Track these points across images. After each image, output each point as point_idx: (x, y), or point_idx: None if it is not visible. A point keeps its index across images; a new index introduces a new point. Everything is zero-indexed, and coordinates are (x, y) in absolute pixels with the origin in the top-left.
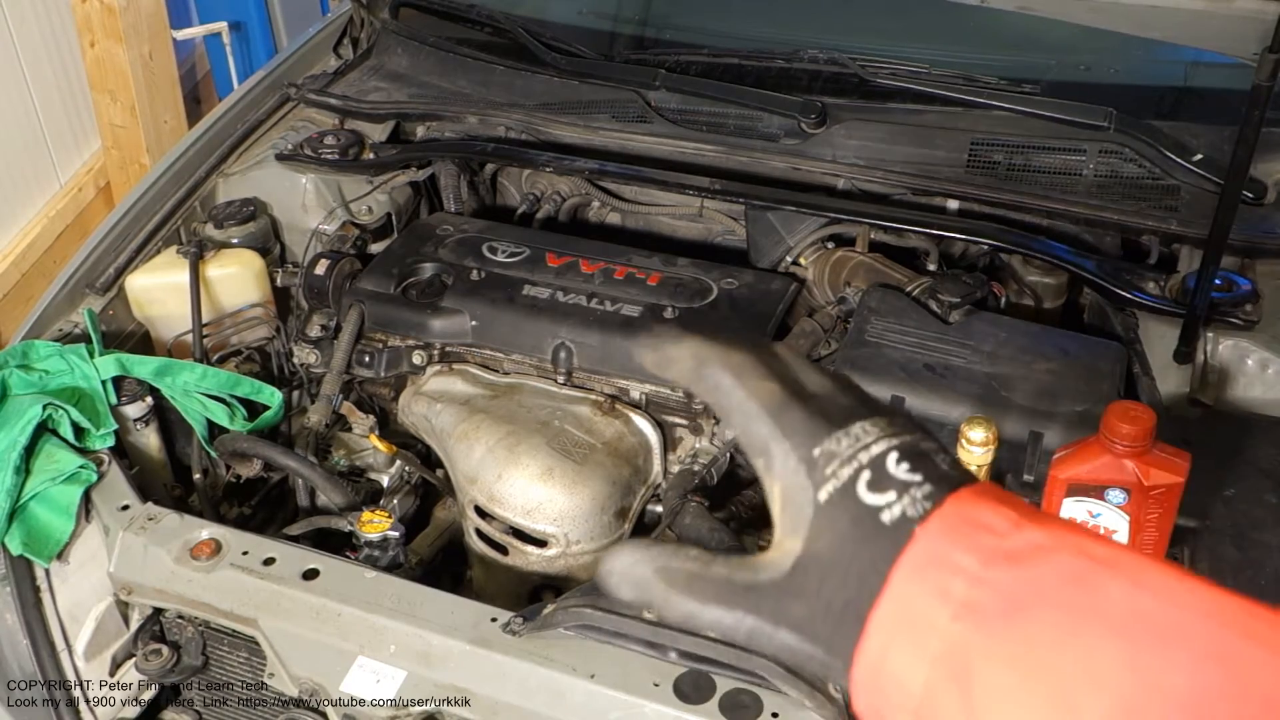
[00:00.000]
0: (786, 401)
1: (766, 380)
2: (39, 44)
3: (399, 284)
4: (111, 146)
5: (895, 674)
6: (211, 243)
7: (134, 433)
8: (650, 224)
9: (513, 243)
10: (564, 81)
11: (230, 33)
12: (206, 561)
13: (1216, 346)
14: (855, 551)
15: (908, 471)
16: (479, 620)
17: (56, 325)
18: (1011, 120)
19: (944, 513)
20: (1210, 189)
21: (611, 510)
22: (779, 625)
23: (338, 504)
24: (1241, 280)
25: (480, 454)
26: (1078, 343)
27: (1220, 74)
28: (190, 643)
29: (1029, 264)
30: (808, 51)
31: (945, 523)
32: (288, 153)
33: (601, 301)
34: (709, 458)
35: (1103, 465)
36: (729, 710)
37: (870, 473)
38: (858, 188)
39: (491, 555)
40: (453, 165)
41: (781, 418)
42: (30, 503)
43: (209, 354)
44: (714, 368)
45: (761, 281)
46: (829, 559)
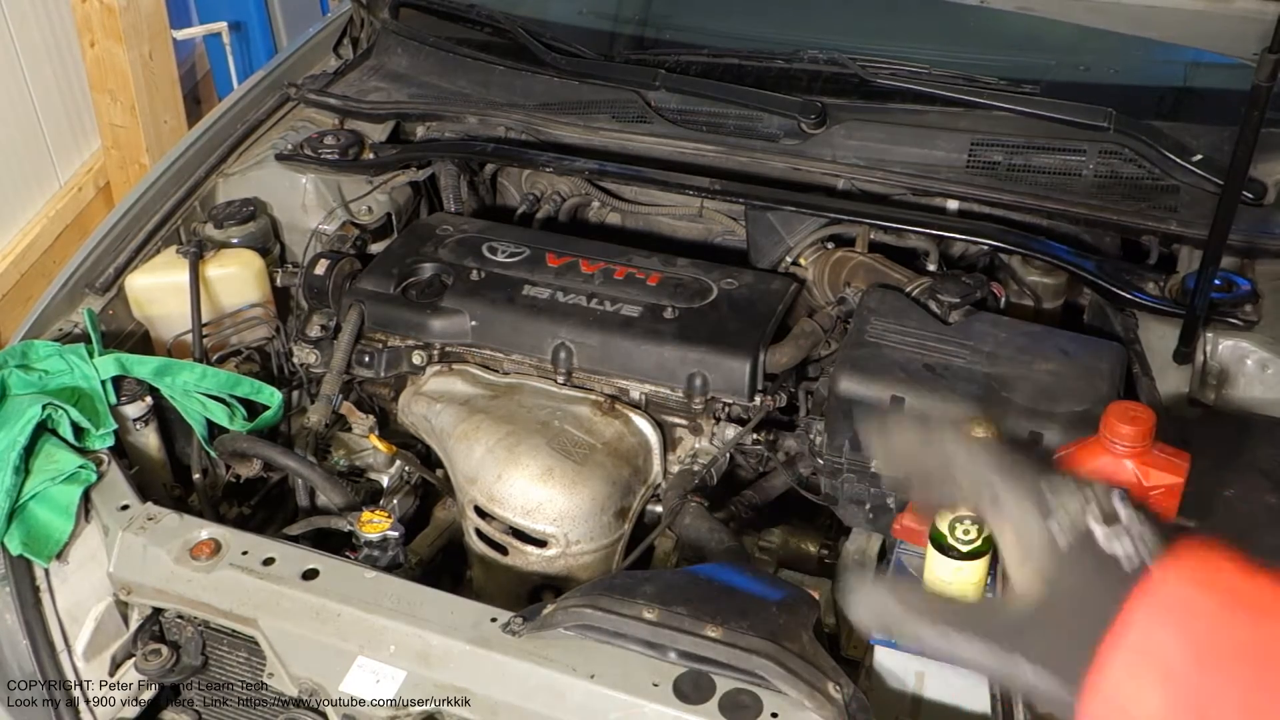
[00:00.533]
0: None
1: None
2: (39, 44)
3: (399, 284)
4: (111, 146)
5: (1131, 699)
6: (211, 243)
7: (134, 433)
8: (650, 224)
9: (513, 243)
10: (564, 81)
11: (230, 33)
12: (206, 561)
13: (1216, 346)
14: (1089, 587)
15: (1131, 511)
16: (479, 620)
17: (56, 325)
18: (1011, 120)
19: (1181, 559)
20: (1210, 189)
21: (611, 510)
22: (1022, 658)
23: (337, 504)
24: (1241, 280)
25: (480, 454)
26: (1077, 343)
27: (1220, 74)
28: (190, 643)
29: (1029, 264)
30: (808, 52)
31: (1182, 568)
32: (288, 153)
33: (601, 302)
34: (709, 458)
35: (1102, 465)
36: (729, 710)
37: (1098, 510)
38: (858, 188)
39: (491, 555)
40: (453, 165)
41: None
42: (30, 503)
43: (209, 354)
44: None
45: (761, 282)
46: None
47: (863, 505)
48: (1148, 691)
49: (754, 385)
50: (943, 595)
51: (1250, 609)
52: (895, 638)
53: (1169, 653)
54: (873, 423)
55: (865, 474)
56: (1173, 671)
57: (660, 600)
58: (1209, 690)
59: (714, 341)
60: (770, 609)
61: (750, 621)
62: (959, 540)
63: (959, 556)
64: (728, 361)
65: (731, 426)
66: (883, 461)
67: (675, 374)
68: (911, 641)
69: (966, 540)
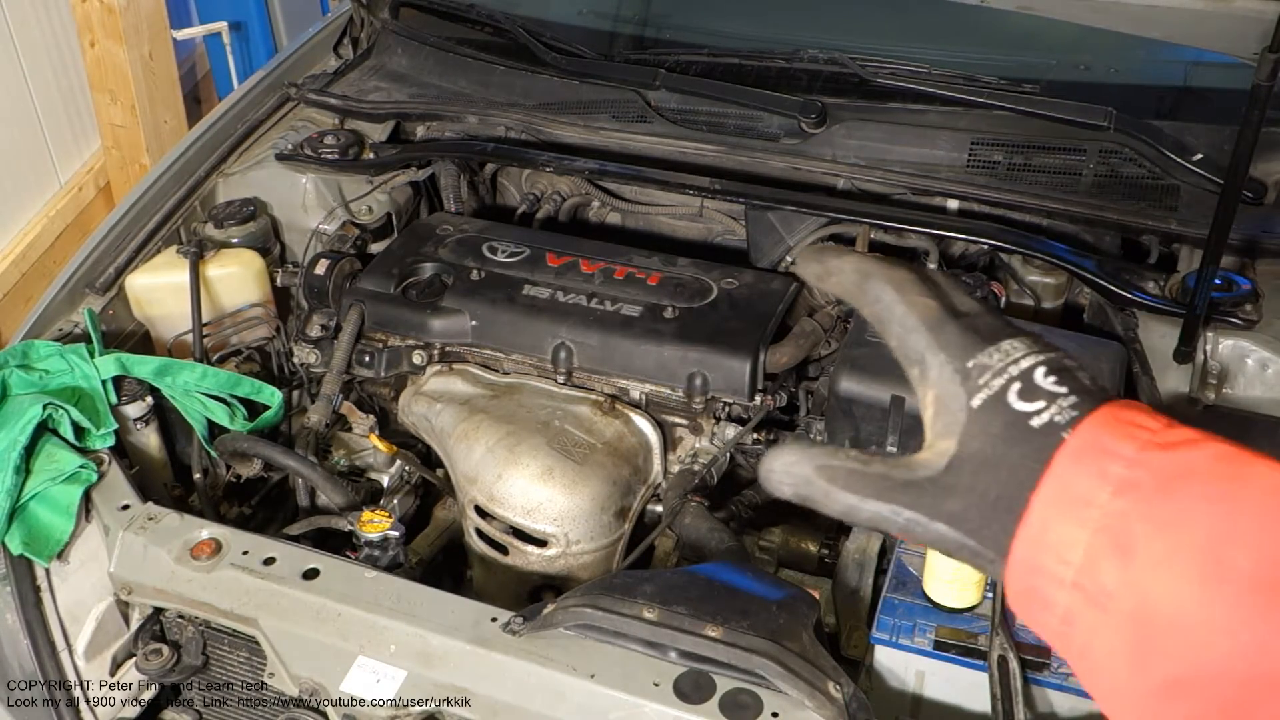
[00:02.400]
0: (943, 318)
1: (925, 297)
2: (39, 44)
3: (399, 284)
4: (111, 146)
5: (1055, 547)
6: (211, 243)
7: (134, 432)
8: (650, 224)
9: (513, 243)
10: (564, 81)
11: (230, 33)
12: (206, 561)
13: (1216, 346)
14: (1007, 450)
15: (1055, 384)
16: (479, 620)
17: (56, 325)
18: (1011, 120)
19: (1098, 415)
20: (1210, 189)
21: (611, 510)
22: (934, 518)
23: (338, 504)
24: (1241, 280)
25: (480, 454)
26: (1077, 342)
27: (1220, 74)
28: (190, 642)
29: (1029, 264)
30: (808, 51)
31: (1101, 420)
32: (288, 153)
33: (601, 301)
34: (709, 458)
35: None
36: (729, 710)
37: (1020, 384)
38: (858, 187)
39: (491, 555)
40: (453, 165)
41: (938, 332)
42: (30, 502)
43: (209, 354)
44: (876, 281)
45: (761, 281)
46: (982, 457)
47: None
48: (1075, 531)
49: (754, 385)
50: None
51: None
52: (808, 500)
53: (1092, 493)
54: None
55: None
56: (1096, 506)
57: (660, 600)
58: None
59: (714, 341)
60: (770, 609)
61: (750, 621)
62: None
63: None
64: (728, 361)
65: (732, 426)
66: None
67: (675, 374)
68: (824, 503)
69: None
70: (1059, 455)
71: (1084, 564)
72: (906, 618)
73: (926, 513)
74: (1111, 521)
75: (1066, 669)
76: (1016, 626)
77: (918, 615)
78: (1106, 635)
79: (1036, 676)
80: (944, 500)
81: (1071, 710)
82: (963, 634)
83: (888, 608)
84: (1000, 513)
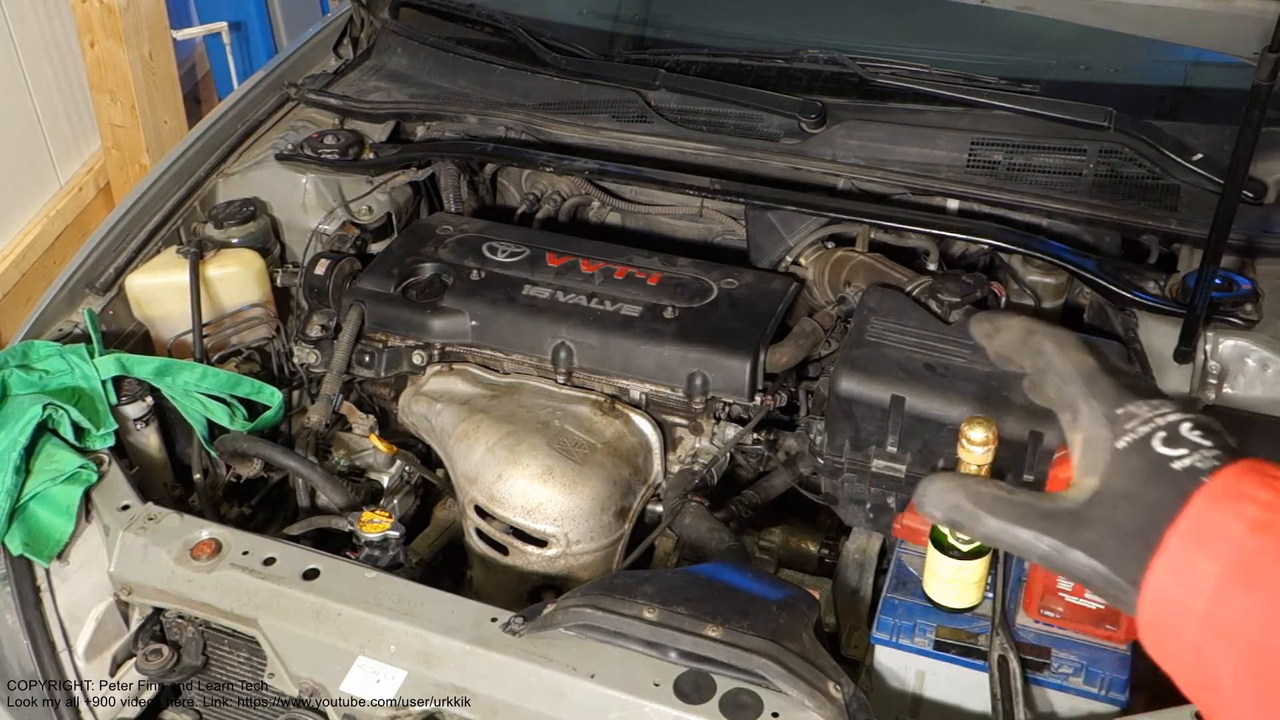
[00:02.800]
0: (1098, 372)
1: (1083, 353)
2: (39, 44)
3: (399, 284)
4: (111, 146)
5: (1188, 579)
6: (211, 243)
7: (134, 433)
8: (650, 224)
9: (513, 243)
10: (564, 81)
11: (230, 33)
12: (206, 561)
13: (1216, 346)
14: (1147, 488)
15: (1200, 437)
16: (479, 620)
17: (56, 325)
18: (1011, 120)
19: (1238, 465)
20: (1210, 189)
21: (611, 510)
22: (1072, 545)
23: (338, 504)
24: (1241, 280)
25: (480, 454)
26: None
27: (1220, 74)
28: (190, 643)
29: (1029, 264)
30: (808, 51)
31: (1241, 470)
32: (288, 153)
33: (601, 301)
34: (709, 457)
35: None
36: (729, 710)
37: (1166, 433)
38: (858, 187)
39: (491, 555)
40: (453, 165)
41: (1093, 383)
42: (30, 503)
43: (209, 354)
44: (1039, 337)
45: (761, 281)
46: (1123, 492)
47: (863, 505)
48: (1208, 564)
49: (754, 385)
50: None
51: None
52: (957, 525)
53: (1228, 530)
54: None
55: (865, 474)
56: (1231, 542)
57: (660, 600)
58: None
59: (714, 341)
60: (770, 609)
61: (750, 621)
62: (959, 540)
63: (959, 556)
64: (728, 361)
65: (732, 426)
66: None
67: (675, 374)
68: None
69: (967, 540)
70: (1197, 495)
71: (1214, 596)
72: (907, 618)
73: (1066, 540)
74: (1245, 556)
75: (1066, 669)
76: (1017, 627)
77: (918, 615)
78: (1233, 668)
79: (1036, 676)
80: (1083, 530)
81: (1072, 710)
82: (963, 634)
83: (888, 608)
84: (1136, 544)
